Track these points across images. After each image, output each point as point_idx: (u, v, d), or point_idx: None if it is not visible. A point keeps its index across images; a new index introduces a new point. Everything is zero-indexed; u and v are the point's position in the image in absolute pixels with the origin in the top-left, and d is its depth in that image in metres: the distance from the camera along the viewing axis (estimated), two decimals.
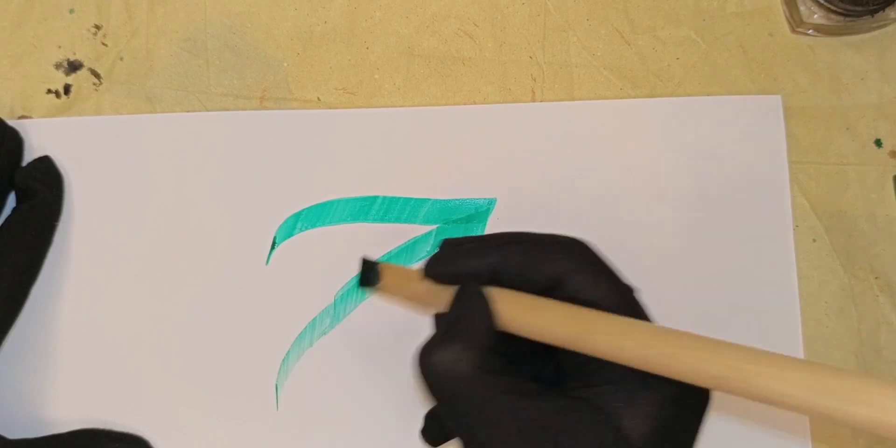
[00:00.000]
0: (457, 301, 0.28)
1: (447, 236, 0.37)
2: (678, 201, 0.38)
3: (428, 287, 0.29)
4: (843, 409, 0.20)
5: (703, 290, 0.37)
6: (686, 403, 0.26)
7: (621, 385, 0.26)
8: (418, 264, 0.30)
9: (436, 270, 0.29)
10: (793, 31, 0.39)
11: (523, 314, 0.27)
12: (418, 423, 0.31)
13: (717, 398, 0.36)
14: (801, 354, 0.36)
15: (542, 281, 0.27)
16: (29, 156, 0.37)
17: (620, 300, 0.27)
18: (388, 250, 0.37)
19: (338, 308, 0.37)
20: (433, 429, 0.31)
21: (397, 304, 0.34)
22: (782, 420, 0.36)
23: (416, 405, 0.36)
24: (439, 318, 0.29)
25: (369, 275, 0.32)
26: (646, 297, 0.37)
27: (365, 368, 0.36)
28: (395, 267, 0.32)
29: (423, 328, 0.36)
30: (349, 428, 0.36)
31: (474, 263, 0.28)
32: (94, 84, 0.38)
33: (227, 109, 0.38)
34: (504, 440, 0.25)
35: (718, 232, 0.37)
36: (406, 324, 0.37)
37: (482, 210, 0.38)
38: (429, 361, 0.26)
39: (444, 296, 0.28)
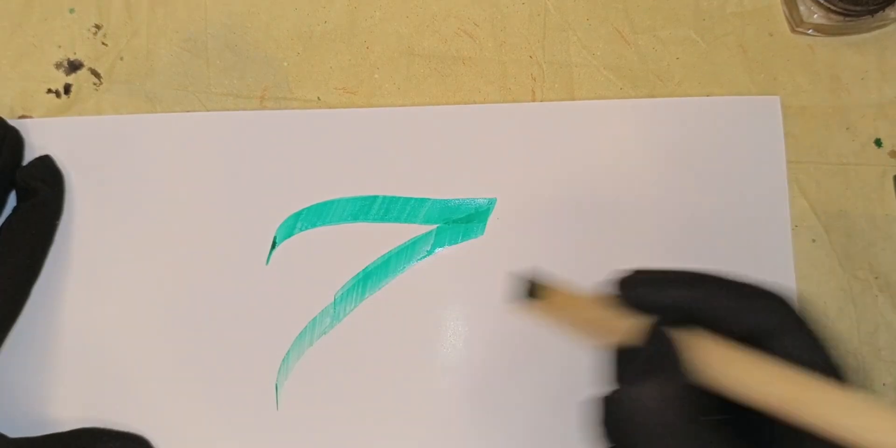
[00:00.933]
0: (654, 335, 0.23)
1: (447, 236, 0.37)
2: (677, 201, 0.38)
3: (605, 315, 0.25)
4: None
5: None
6: None
7: None
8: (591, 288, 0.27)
9: (634, 295, 0.25)
10: (793, 30, 0.39)
11: (725, 366, 0.23)
12: (418, 423, 0.31)
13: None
14: None
15: (746, 331, 0.23)
16: (29, 155, 0.37)
17: (835, 372, 0.23)
18: (388, 250, 0.37)
19: (338, 308, 0.37)
20: None
21: (550, 323, 0.29)
22: None
23: (416, 405, 0.36)
24: (625, 353, 0.24)
25: (533, 291, 0.28)
26: None
27: (365, 368, 0.36)
28: (560, 291, 0.28)
29: (423, 328, 0.36)
30: (349, 428, 0.36)
31: (679, 296, 0.24)
32: (95, 84, 0.38)
33: (227, 109, 0.38)
34: None
35: (717, 232, 0.37)
36: (406, 324, 0.37)
37: (482, 210, 0.38)
38: (627, 398, 0.22)
39: (621, 325, 0.24)
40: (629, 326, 0.24)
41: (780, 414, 0.22)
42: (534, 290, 0.28)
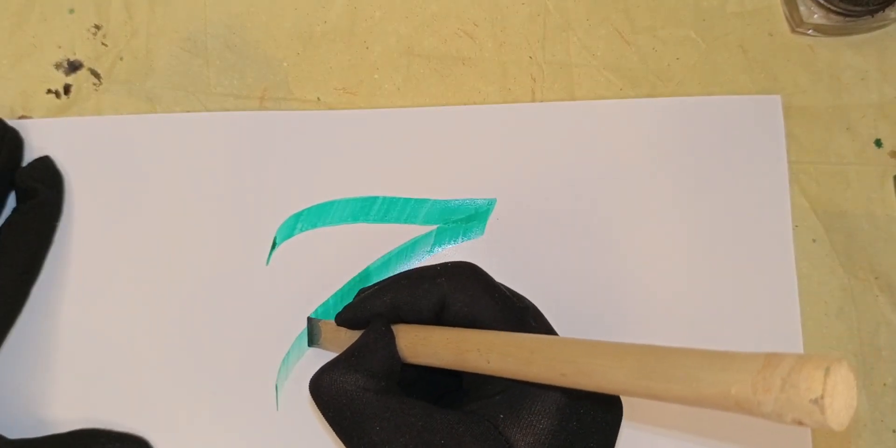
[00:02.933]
0: (361, 336, 0.29)
1: (447, 237, 0.37)
2: (678, 201, 0.38)
3: (349, 335, 0.31)
4: (663, 388, 0.20)
5: (703, 290, 0.37)
6: (580, 413, 0.26)
7: (505, 396, 0.26)
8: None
9: (343, 317, 0.31)
10: (793, 31, 0.39)
11: (414, 346, 0.29)
12: None
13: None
14: None
15: (431, 307, 0.29)
16: (29, 156, 0.37)
17: (502, 315, 0.28)
18: (389, 250, 0.37)
19: (338, 308, 0.37)
20: None
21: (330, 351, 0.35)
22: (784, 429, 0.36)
23: None
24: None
25: (312, 332, 0.35)
26: (645, 297, 0.37)
27: None
28: (331, 323, 0.33)
29: None
30: None
31: (373, 305, 0.30)
32: (94, 84, 0.38)
33: (227, 109, 0.38)
34: None
35: (718, 232, 0.37)
36: None
37: (482, 210, 0.38)
38: (317, 382, 0.28)
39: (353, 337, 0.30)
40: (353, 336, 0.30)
41: (456, 368, 0.27)
42: (316, 330, 0.35)
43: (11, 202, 0.36)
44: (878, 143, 0.38)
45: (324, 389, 0.28)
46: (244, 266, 0.37)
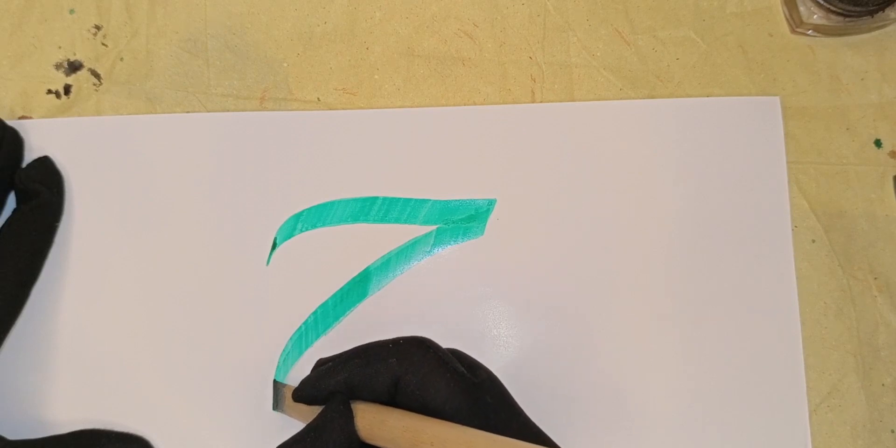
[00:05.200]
0: (318, 416, 0.30)
1: (447, 237, 0.37)
2: (677, 202, 0.38)
3: (309, 408, 0.32)
4: None
5: (703, 291, 0.37)
6: None
7: None
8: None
9: (300, 394, 0.31)
10: (792, 31, 0.39)
11: (370, 428, 0.29)
12: None
13: (716, 398, 0.37)
14: (800, 355, 0.36)
15: (385, 388, 0.29)
16: (29, 156, 0.37)
17: (456, 396, 0.29)
18: (389, 250, 0.37)
19: (338, 308, 0.37)
20: None
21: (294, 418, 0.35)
22: (782, 424, 0.36)
23: None
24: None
25: (277, 397, 0.35)
26: (645, 297, 0.37)
27: None
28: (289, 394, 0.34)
29: (423, 328, 0.37)
30: None
31: (329, 383, 0.30)
32: (94, 84, 0.38)
33: (227, 110, 0.38)
34: None
35: (717, 232, 0.37)
36: (406, 324, 0.37)
37: (482, 210, 0.38)
38: None
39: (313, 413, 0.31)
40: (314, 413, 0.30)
41: None
42: (279, 395, 0.35)
43: (11, 202, 0.36)
44: (878, 143, 0.38)
45: None
46: (244, 266, 0.37)
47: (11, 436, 0.34)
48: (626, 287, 0.37)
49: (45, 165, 0.36)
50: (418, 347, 0.30)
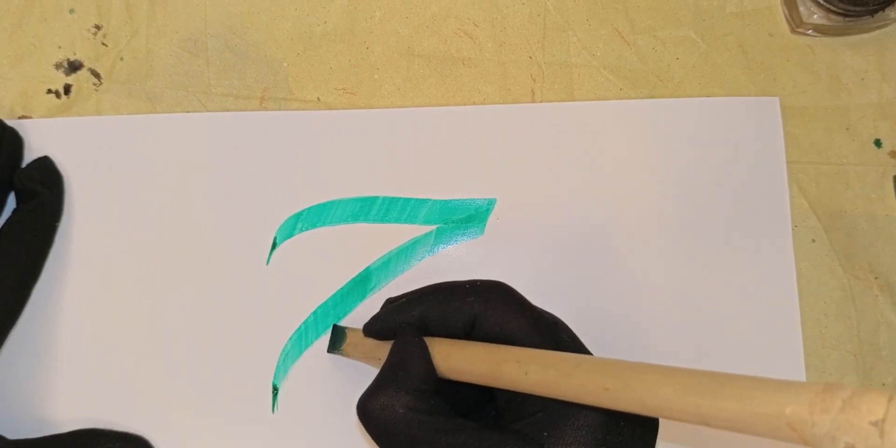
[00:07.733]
0: (392, 350, 0.30)
1: (447, 237, 0.37)
2: (677, 202, 0.38)
3: (375, 344, 0.32)
4: (713, 406, 0.20)
5: (703, 291, 0.37)
6: (622, 428, 0.26)
7: (546, 414, 0.27)
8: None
9: (372, 328, 0.32)
10: (792, 31, 0.39)
11: (448, 359, 0.29)
12: None
13: None
14: (801, 355, 0.36)
15: (462, 324, 0.29)
16: (29, 156, 0.37)
17: (536, 332, 0.29)
18: (389, 250, 0.37)
19: (338, 309, 0.37)
20: None
21: (363, 362, 0.36)
22: None
23: None
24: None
25: (337, 339, 0.35)
26: (645, 297, 0.37)
27: (363, 369, 0.36)
28: (358, 331, 0.34)
29: None
30: (346, 429, 0.36)
31: (403, 317, 0.30)
32: (95, 84, 0.38)
33: (227, 110, 0.38)
34: None
35: (718, 232, 0.37)
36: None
37: (482, 210, 0.38)
38: (366, 407, 0.28)
39: (384, 349, 0.31)
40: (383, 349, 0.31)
41: (490, 384, 0.27)
42: (341, 336, 0.35)
43: (11, 203, 0.36)
44: (878, 143, 0.39)
45: (374, 415, 0.28)
46: (244, 266, 0.37)
47: (11, 436, 0.34)
48: (625, 286, 0.37)
49: (45, 165, 0.36)
50: (497, 287, 0.30)
